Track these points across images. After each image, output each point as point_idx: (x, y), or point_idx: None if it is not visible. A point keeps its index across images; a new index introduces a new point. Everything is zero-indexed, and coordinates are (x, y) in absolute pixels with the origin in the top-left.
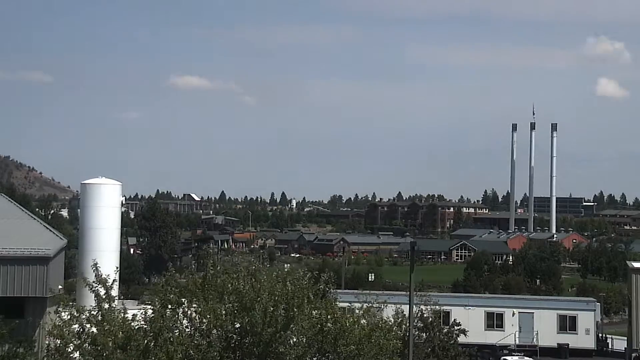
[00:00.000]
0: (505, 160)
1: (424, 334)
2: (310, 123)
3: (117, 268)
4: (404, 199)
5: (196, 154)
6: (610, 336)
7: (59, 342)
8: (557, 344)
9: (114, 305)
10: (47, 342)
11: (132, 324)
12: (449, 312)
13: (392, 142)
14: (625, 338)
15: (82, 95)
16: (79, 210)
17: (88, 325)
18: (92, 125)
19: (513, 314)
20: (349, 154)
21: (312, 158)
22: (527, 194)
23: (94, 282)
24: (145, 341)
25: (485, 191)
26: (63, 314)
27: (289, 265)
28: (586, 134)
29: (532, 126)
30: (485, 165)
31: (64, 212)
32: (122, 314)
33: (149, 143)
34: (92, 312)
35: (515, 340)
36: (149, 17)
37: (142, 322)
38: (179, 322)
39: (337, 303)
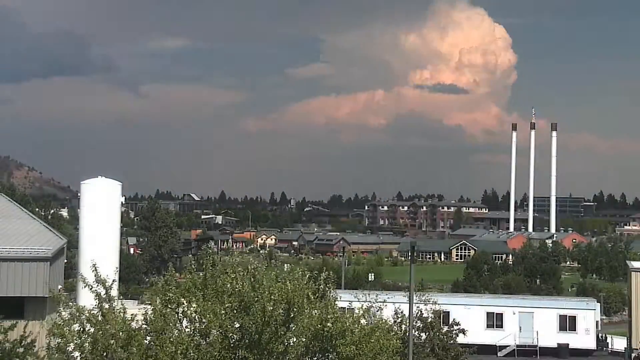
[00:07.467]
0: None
1: (424, 334)
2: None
3: (116, 269)
4: (404, 199)
5: (196, 154)
6: (610, 336)
7: (59, 341)
8: (557, 343)
9: (114, 305)
10: (47, 341)
11: (132, 323)
12: (448, 312)
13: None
14: (625, 338)
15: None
16: (79, 210)
17: (89, 325)
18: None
19: (513, 314)
20: (349, 154)
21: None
22: (527, 194)
23: (92, 282)
24: (146, 340)
25: (485, 191)
26: (63, 313)
27: (288, 265)
28: None
29: (532, 126)
30: (485, 165)
31: (64, 212)
32: (122, 314)
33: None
34: (93, 312)
35: (515, 340)
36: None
37: (143, 322)
38: (178, 322)
39: (337, 303)
